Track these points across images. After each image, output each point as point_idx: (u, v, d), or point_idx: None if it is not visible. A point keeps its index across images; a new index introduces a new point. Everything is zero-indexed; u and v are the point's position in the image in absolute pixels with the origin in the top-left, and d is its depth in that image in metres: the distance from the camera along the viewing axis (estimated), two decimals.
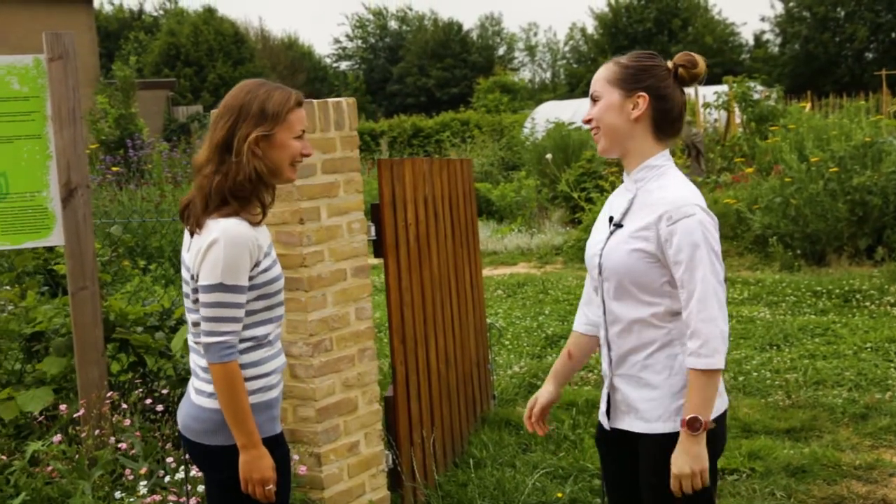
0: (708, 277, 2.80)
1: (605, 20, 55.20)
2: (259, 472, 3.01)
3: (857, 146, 11.70)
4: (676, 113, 2.98)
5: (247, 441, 2.99)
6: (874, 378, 6.99)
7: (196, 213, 3.01)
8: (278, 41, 61.41)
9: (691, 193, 2.89)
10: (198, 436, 3.10)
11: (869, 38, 48.69)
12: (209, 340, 2.96)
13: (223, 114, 3.04)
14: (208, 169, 3.02)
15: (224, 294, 2.94)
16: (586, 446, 5.82)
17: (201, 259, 2.96)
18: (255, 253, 3.00)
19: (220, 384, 2.96)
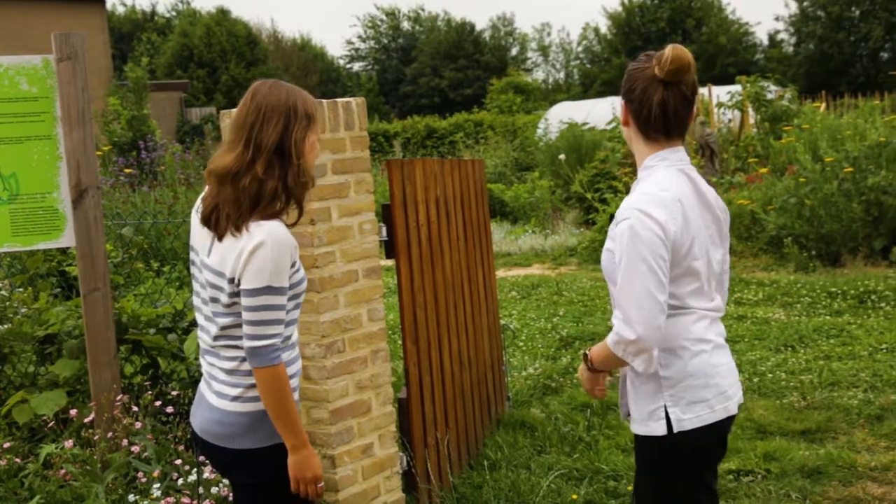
0: (626, 281, 2.83)
1: (619, 20, 55.16)
2: (311, 470, 3.02)
3: (872, 146, 11.64)
4: (645, 114, 2.97)
5: (297, 442, 2.99)
6: (889, 379, 6.94)
7: (233, 217, 2.94)
8: (291, 42, 61.54)
9: (642, 196, 2.90)
10: (221, 440, 3.06)
11: (884, 37, 48.51)
12: (256, 344, 2.92)
13: (269, 116, 2.97)
14: (257, 172, 2.94)
15: (271, 297, 2.91)
16: (601, 448, 5.80)
17: (245, 262, 2.90)
18: (294, 255, 2.99)
19: (270, 387, 2.93)
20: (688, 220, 2.90)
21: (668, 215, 2.86)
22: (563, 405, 6.69)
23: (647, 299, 2.81)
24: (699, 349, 2.97)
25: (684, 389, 2.93)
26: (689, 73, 2.91)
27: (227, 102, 44.98)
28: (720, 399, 2.98)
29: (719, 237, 3.05)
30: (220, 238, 2.98)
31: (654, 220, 2.84)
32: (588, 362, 3.07)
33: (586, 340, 8.53)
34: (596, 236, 13.39)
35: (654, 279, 2.81)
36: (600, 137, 17.44)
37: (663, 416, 2.92)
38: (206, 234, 3.06)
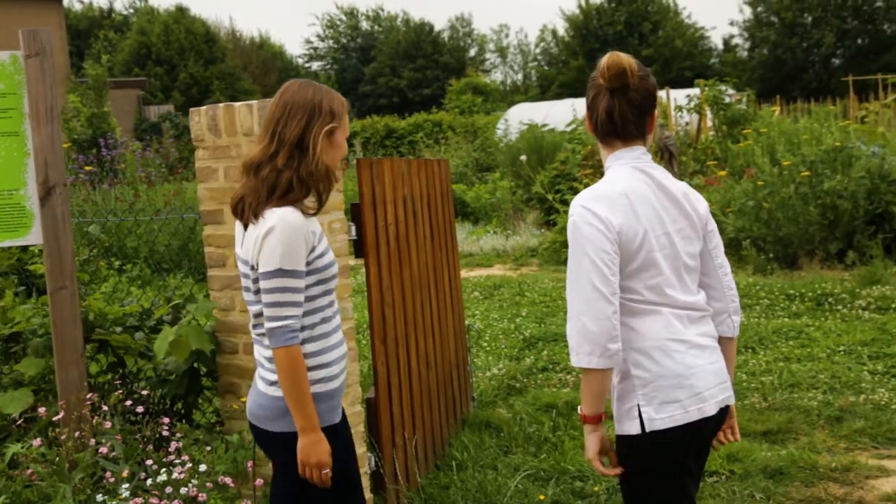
0: (573, 276, 2.90)
1: (576, 22, 55.38)
2: (316, 455, 3.11)
3: (828, 151, 11.80)
4: (605, 119, 3.04)
5: (305, 424, 3.09)
6: (848, 381, 7.04)
7: (253, 205, 3.11)
8: (249, 41, 61.21)
9: (588, 192, 2.98)
10: (261, 422, 3.22)
11: (835, 44, 49.14)
12: (272, 325, 3.06)
13: (294, 112, 3.14)
14: (277, 163, 3.11)
15: (283, 279, 3.04)
16: (567, 448, 5.83)
17: (259, 247, 3.07)
18: (310, 239, 3.11)
19: (283, 367, 3.06)
20: (637, 213, 2.94)
21: (610, 209, 2.91)
22: (528, 405, 6.71)
23: (593, 292, 2.85)
24: (673, 349, 2.98)
25: (656, 389, 2.95)
26: (629, 77, 2.95)
27: (185, 101, 44.67)
28: (694, 400, 2.98)
29: (693, 231, 3.06)
30: (245, 226, 3.16)
31: (594, 214, 2.90)
32: (582, 419, 3.03)
33: (549, 341, 8.56)
34: (557, 237, 13.45)
35: (597, 273, 2.85)
36: (560, 139, 17.50)
37: (637, 415, 2.94)
38: (240, 227, 3.22)
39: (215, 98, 45.22)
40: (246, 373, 4.50)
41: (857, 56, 48.91)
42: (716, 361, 3.07)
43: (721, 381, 3.06)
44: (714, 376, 3.04)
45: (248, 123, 4.27)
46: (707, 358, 3.04)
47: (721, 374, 3.07)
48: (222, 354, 4.58)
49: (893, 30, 49.61)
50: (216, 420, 4.85)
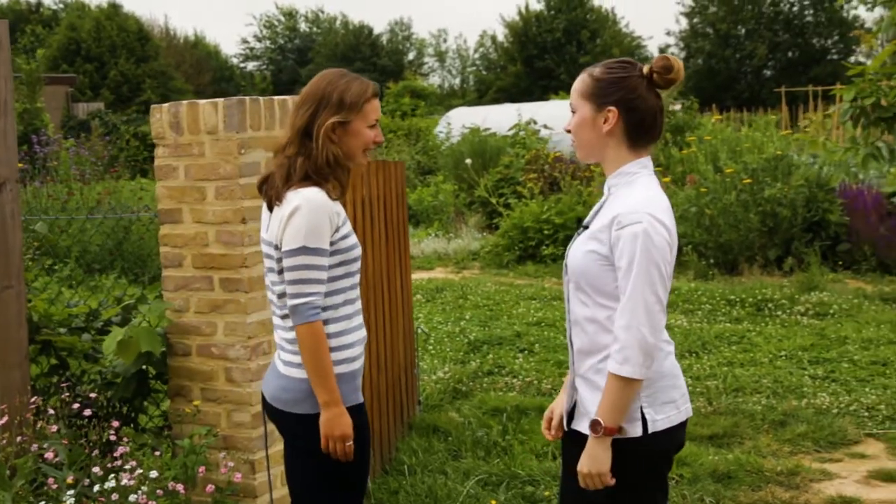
0: (639, 287, 2.80)
1: (516, 28, 55.56)
2: (340, 428, 3.16)
3: (769, 159, 11.98)
4: (649, 121, 2.97)
5: (329, 398, 3.15)
6: (790, 385, 7.14)
7: (276, 187, 3.21)
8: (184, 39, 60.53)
9: (648, 202, 2.87)
10: (286, 405, 3.26)
11: (767, 55, 49.92)
12: (295, 302, 3.13)
13: (304, 101, 3.25)
14: (290, 150, 3.23)
15: (307, 257, 3.12)
16: (516, 453, 5.82)
17: (284, 226, 3.14)
18: (335, 220, 3.19)
19: (306, 343, 3.13)
20: (675, 226, 2.95)
21: (671, 222, 2.89)
22: (475, 409, 6.70)
23: (657, 304, 2.81)
24: (669, 350, 3.00)
25: (659, 390, 2.94)
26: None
27: (115, 98, 43.99)
28: (684, 399, 3.02)
29: None
30: (269, 207, 3.26)
31: (664, 225, 2.84)
32: (599, 430, 2.87)
33: (494, 345, 8.56)
34: (499, 240, 13.48)
35: (662, 285, 2.82)
36: (503, 143, 17.54)
37: (639, 417, 2.91)
38: (265, 212, 3.31)
39: (147, 97, 44.58)
40: (198, 375, 4.43)
41: (787, 68, 49.73)
42: None
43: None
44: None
45: (213, 121, 4.20)
46: None
47: None
48: (174, 357, 4.50)
49: (822, 44, 50.58)
50: (164, 424, 4.76)
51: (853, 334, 8.44)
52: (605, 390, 2.86)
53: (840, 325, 8.83)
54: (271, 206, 3.24)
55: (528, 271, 12.49)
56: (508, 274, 12.55)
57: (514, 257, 13.09)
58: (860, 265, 11.38)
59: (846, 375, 7.36)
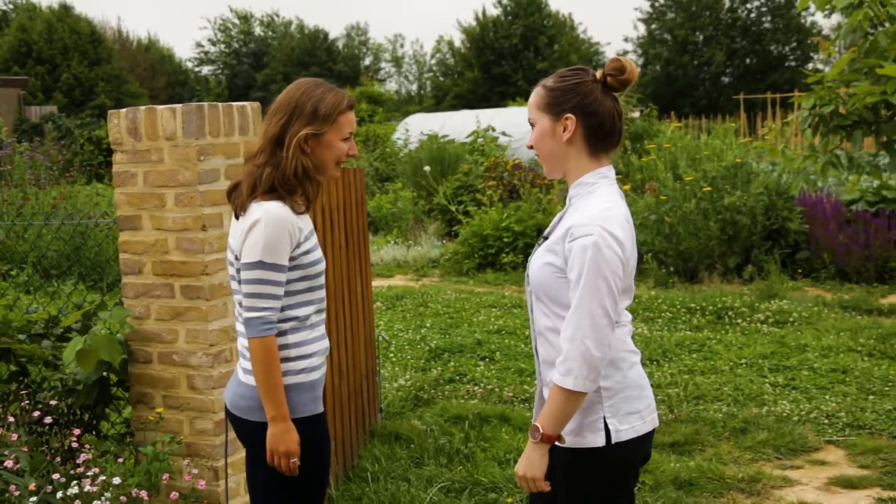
0: (585, 299, 2.78)
1: (473, 34, 55.65)
2: (285, 444, 3.16)
3: (728, 167, 12.06)
4: (608, 126, 2.96)
5: (276, 413, 3.15)
6: (750, 393, 7.17)
7: (242, 198, 3.20)
8: (137, 42, 60.04)
9: (602, 213, 2.85)
10: (244, 412, 3.27)
11: (725, 62, 50.34)
12: (249, 315, 3.14)
13: (278, 110, 3.23)
14: (260, 159, 3.21)
15: (263, 271, 3.11)
16: (478, 460, 5.80)
17: (244, 238, 3.14)
18: (296, 235, 3.17)
19: (257, 357, 3.13)
20: (632, 238, 2.92)
21: (625, 234, 2.85)
22: (437, 417, 6.67)
23: (603, 318, 2.78)
24: (634, 360, 3.00)
25: (623, 400, 2.93)
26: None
27: (67, 102, 43.56)
28: (649, 410, 3.01)
29: None
30: (235, 216, 3.24)
31: (615, 238, 2.81)
32: (537, 436, 2.87)
33: (455, 353, 8.54)
34: (459, 248, 13.46)
35: (611, 299, 2.79)
36: (462, 150, 17.54)
37: (602, 427, 2.90)
38: (234, 220, 3.27)
39: (100, 100, 44.21)
40: (160, 382, 4.38)
41: (745, 75, 50.20)
42: None
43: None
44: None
45: (172, 127, 4.15)
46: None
47: None
48: (135, 364, 4.44)
49: (780, 51, 51.07)
50: (126, 431, 4.70)
51: (813, 342, 8.50)
52: (548, 398, 2.86)
53: (800, 333, 8.89)
54: (237, 215, 3.23)
55: (488, 279, 12.48)
56: (468, 282, 12.53)
57: (474, 265, 13.07)
58: (820, 273, 11.46)
59: (806, 383, 7.40)
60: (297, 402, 3.23)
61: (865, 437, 6.25)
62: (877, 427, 6.42)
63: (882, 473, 5.68)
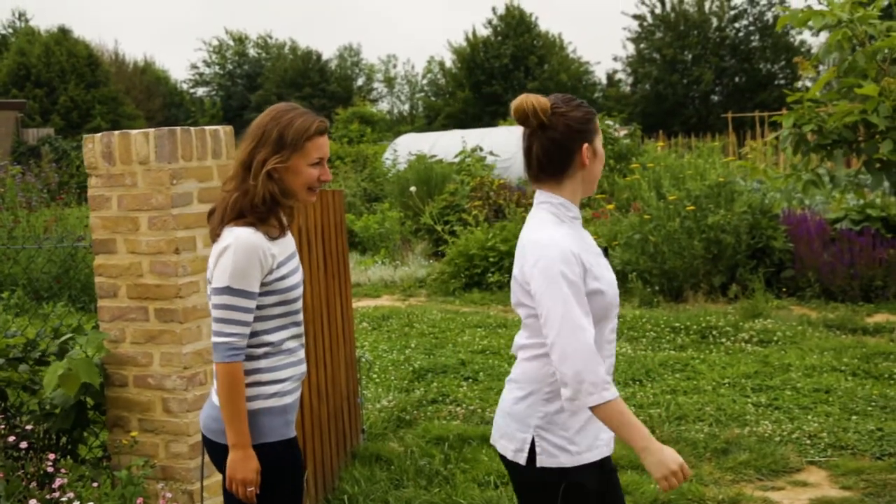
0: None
1: (463, 54, 55.80)
2: (243, 472, 3.17)
3: (712, 186, 12.08)
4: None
5: (237, 441, 3.15)
6: (733, 413, 7.16)
7: (214, 224, 3.24)
8: (133, 65, 60.16)
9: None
10: (216, 435, 3.28)
11: (714, 81, 50.51)
12: (215, 340, 3.15)
13: (248, 136, 3.26)
14: (230, 185, 3.25)
15: (231, 297, 3.12)
16: (458, 482, 5.81)
17: (214, 263, 3.16)
18: (267, 262, 3.17)
19: (222, 383, 3.14)
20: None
21: None
22: (419, 438, 6.67)
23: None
24: None
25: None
26: (535, 117, 3.02)
27: (65, 124, 43.60)
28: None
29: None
30: (212, 239, 3.26)
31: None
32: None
33: (439, 373, 8.54)
34: (445, 268, 13.47)
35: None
36: (449, 170, 17.58)
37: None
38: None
39: (96, 122, 44.28)
40: (136, 406, 4.38)
41: (734, 93, 50.36)
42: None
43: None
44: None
45: (145, 152, 4.17)
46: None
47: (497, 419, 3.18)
48: (111, 387, 4.44)
49: (769, 69, 51.28)
50: (103, 455, 4.70)
51: (796, 361, 8.50)
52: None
53: (784, 353, 8.89)
54: (213, 239, 3.26)
55: (474, 298, 12.49)
56: (455, 301, 12.54)
57: (461, 284, 13.08)
58: (804, 292, 11.46)
59: (789, 403, 7.39)
60: (268, 427, 3.24)
61: (848, 458, 6.25)
62: (859, 448, 6.42)
63: (864, 495, 5.68)
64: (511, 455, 3.06)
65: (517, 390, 3.09)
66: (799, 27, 9.12)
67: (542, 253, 2.94)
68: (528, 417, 3.03)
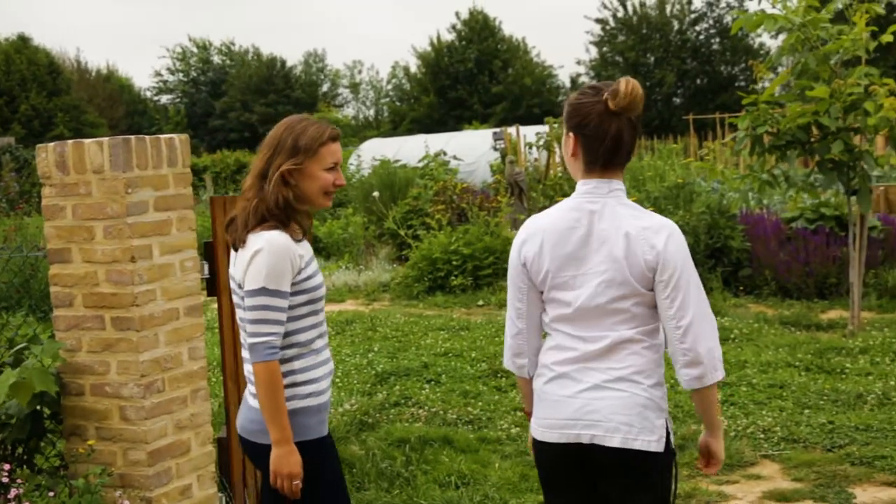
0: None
1: (428, 59, 55.94)
2: (288, 466, 3.27)
3: (671, 187, 12.22)
4: (597, 145, 3.13)
5: (280, 437, 3.26)
6: (689, 410, 7.25)
7: (237, 231, 3.35)
8: (96, 73, 59.81)
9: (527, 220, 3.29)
10: (253, 436, 3.40)
11: (676, 83, 50.91)
12: (253, 341, 3.26)
13: (263, 147, 3.42)
14: (250, 194, 3.38)
15: (267, 298, 3.24)
16: (419, 483, 5.86)
17: (246, 267, 3.28)
18: (297, 262, 3.32)
19: (261, 382, 3.25)
20: (541, 245, 3.14)
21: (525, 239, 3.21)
22: (381, 441, 6.71)
23: (508, 317, 3.30)
24: (548, 375, 3.25)
25: (536, 405, 3.27)
26: (639, 106, 3.06)
27: (26, 133, 43.30)
28: (548, 423, 3.25)
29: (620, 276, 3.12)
30: (234, 248, 3.39)
31: (516, 242, 3.26)
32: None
33: (401, 376, 8.59)
34: (409, 272, 13.52)
35: (512, 304, 3.34)
36: (413, 174, 17.64)
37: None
38: (233, 253, 3.44)
39: (59, 131, 44.05)
40: (93, 414, 4.41)
41: (696, 95, 50.78)
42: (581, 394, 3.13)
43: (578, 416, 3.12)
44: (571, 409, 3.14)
45: (99, 161, 4.20)
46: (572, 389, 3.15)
47: (583, 409, 3.11)
48: (68, 396, 4.47)
49: (729, 71, 51.76)
50: (60, 464, 4.72)
51: (752, 358, 8.62)
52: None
53: (740, 350, 9.02)
54: (235, 247, 3.38)
55: (438, 302, 12.56)
56: (418, 305, 12.60)
57: (424, 288, 13.14)
58: (762, 290, 11.62)
59: (744, 399, 7.51)
60: (304, 426, 3.37)
61: (800, 451, 6.36)
62: (811, 441, 6.54)
63: (814, 486, 5.79)
64: (654, 447, 3.05)
65: (644, 380, 3.07)
66: (752, 31, 9.29)
67: (672, 236, 3.08)
68: (661, 401, 3.10)
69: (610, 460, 3.07)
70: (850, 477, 5.89)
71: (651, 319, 3.10)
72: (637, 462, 3.06)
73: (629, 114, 3.04)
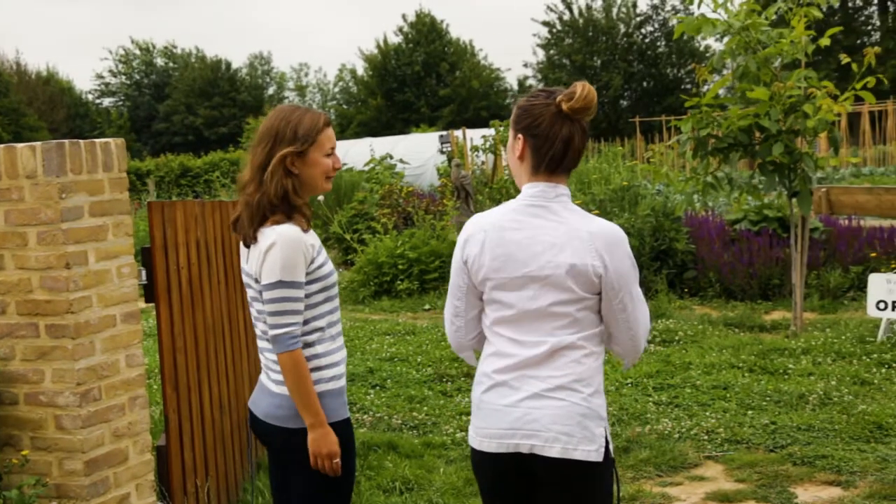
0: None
1: (375, 62, 55.89)
2: (327, 447, 3.36)
3: (616, 189, 12.28)
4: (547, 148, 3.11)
5: (315, 420, 3.35)
6: (635, 412, 7.30)
7: (245, 228, 3.41)
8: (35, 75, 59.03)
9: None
10: (281, 421, 3.44)
11: (623, 86, 51.31)
12: (275, 332, 3.32)
13: (261, 140, 3.44)
14: (250, 188, 3.42)
15: (284, 290, 3.31)
16: (363, 489, 5.83)
17: (262, 261, 3.33)
18: (309, 252, 3.37)
19: (289, 370, 3.33)
20: (482, 244, 3.11)
21: (469, 237, 3.18)
22: None
23: (448, 313, 3.33)
24: (486, 384, 3.23)
25: (474, 414, 3.26)
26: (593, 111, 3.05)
27: None
28: (486, 433, 3.22)
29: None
30: (245, 244, 3.45)
31: (460, 239, 3.28)
32: None
33: (347, 381, 8.54)
34: (355, 276, 13.47)
35: (451, 296, 3.34)
36: (358, 178, 17.61)
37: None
38: (243, 249, 3.49)
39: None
40: (27, 424, 4.32)
41: (642, 98, 51.24)
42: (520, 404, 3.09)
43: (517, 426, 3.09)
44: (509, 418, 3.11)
45: (32, 165, 4.12)
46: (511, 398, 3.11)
47: (523, 419, 3.08)
48: (1, 406, 4.37)
49: (675, 74, 52.25)
50: None
51: (697, 360, 8.68)
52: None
53: (685, 352, 9.07)
54: (247, 244, 3.43)
55: (384, 306, 12.53)
56: (364, 309, 12.56)
57: (370, 293, 13.10)
58: (706, 291, 11.71)
59: (689, 400, 7.56)
60: (329, 408, 3.43)
61: (743, 452, 6.42)
62: (754, 441, 6.59)
63: (757, 486, 5.84)
64: (594, 456, 3.03)
65: (584, 388, 3.04)
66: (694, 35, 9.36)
67: (620, 240, 3.06)
68: (601, 410, 3.08)
69: (550, 470, 3.05)
70: (792, 477, 5.94)
71: (593, 325, 3.08)
72: (577, 472, 3.04)
73: (581, 117, 3.04)
